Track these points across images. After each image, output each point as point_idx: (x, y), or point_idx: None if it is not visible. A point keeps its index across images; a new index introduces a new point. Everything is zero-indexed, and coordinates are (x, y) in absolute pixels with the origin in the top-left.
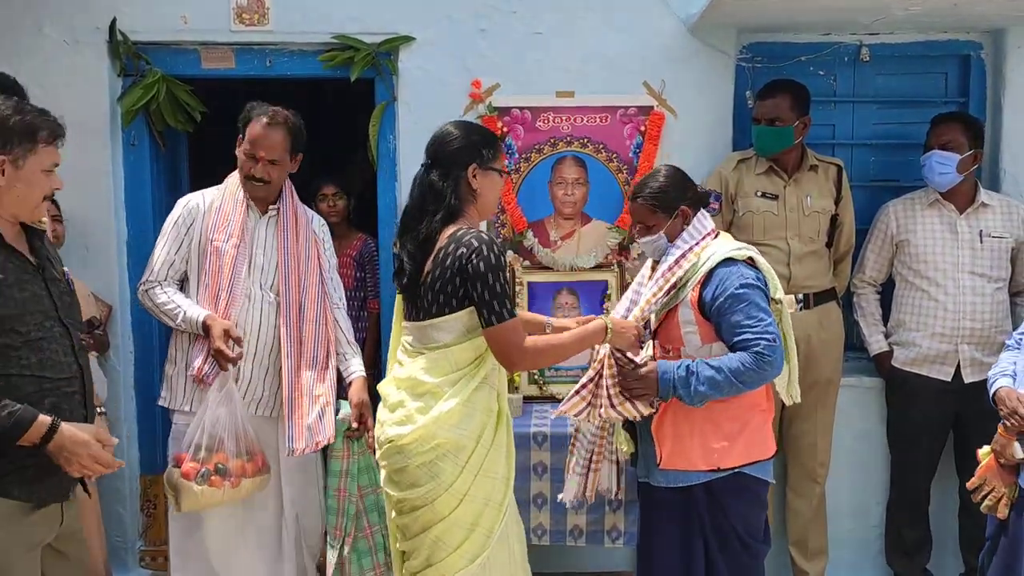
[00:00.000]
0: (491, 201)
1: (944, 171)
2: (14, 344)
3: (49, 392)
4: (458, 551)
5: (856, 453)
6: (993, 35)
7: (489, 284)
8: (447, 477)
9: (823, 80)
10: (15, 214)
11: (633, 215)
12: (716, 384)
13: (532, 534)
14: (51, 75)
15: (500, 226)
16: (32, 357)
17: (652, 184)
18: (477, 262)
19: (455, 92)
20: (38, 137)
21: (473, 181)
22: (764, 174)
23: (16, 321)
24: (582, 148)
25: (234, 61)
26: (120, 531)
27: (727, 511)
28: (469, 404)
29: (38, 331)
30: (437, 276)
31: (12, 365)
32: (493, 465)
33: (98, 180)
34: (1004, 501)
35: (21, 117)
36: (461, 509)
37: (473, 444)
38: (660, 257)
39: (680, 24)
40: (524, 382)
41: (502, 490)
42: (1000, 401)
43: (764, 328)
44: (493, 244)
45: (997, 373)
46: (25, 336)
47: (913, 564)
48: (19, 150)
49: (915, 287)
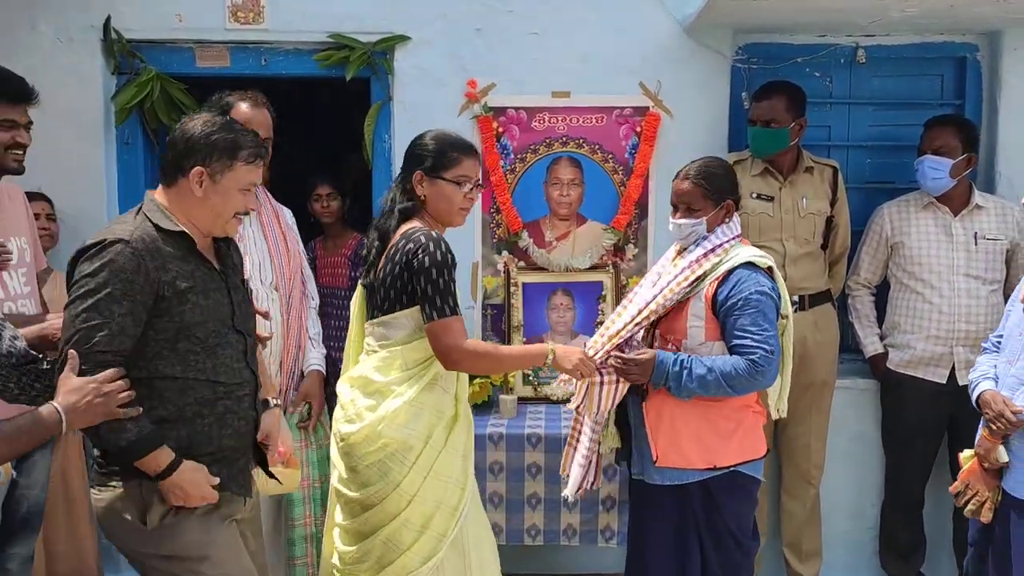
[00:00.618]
0: (443, 210)
1: (936, 176)
2: (194, 349)
3: (223, 396)
4: (409, 552)
5: (850, 455)
6: (989, 37)
7: (432, 279)
8: (395, 476)
9: (819, 81)
10: (206, 227)
11: (679, 195)
12: (706, 384)
13: (526, 534)
14: (45, 73)
15: (495, 226)
16: (208, 362)
17: (705, 166)
18: (423, 257)
19: (451, 92)
20: (238, 155)
21: (418, 187)
22: (760, 176)
23: (198, 328)
24: (578, 149)
25: (229, 60)
26: None
27: (722, 509)
28: (416, 404)
29: (215, 337)
30: (388, 272)
31: (190, 369)
32: (445, 468)
33: (92, 178)
34: (988, 505)
35: (225, 134)
36: (411, 510)
37: (421, 445)
38: (689, 245)
39: (676, 25)
40: (519, 383)
41: (457, 494)
42: (985, 404)
43: (765, 338)
44: (441, 242)
45: (979, 377)
46: (204, 342)
47: (907, 566)
48: (218, 165)
49: (910, 289)
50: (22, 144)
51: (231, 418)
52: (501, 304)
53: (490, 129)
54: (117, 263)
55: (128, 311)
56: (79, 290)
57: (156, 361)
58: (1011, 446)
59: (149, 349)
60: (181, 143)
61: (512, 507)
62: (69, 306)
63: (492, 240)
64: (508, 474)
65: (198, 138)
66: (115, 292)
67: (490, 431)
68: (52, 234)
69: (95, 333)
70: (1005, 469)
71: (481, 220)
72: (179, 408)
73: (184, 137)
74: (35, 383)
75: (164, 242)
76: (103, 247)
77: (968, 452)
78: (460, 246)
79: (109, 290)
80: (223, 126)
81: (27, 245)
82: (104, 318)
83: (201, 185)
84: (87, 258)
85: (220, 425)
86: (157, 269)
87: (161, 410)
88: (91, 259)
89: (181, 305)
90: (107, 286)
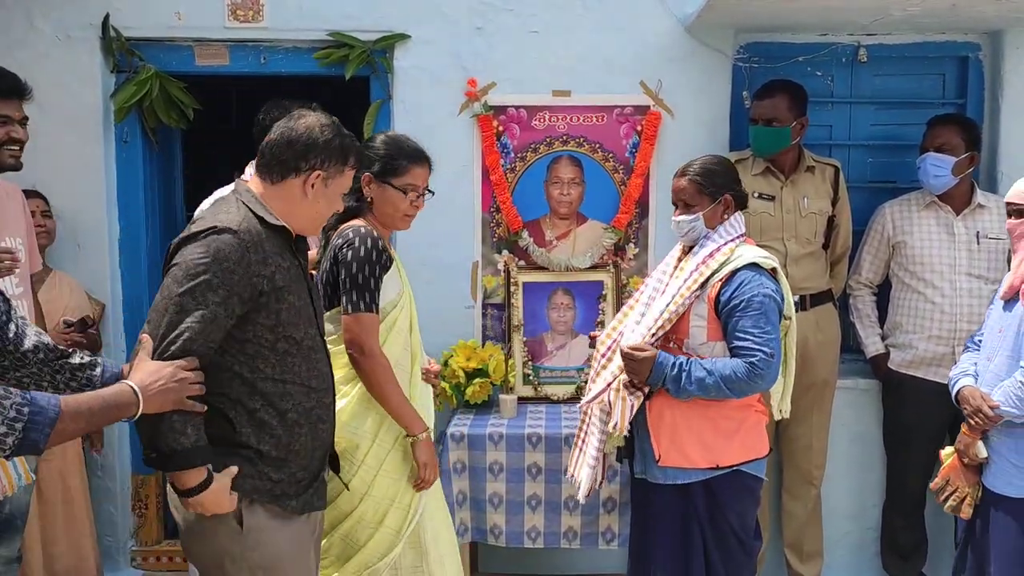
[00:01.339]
0: (387, 214)
1: (939, 174)
2: (291, 351)
3: (316, 405)
4: (365, 548)
5: (852, 455)
6: (991, 36)
7: (352, 273)
8: (344, 475)
9: (820, 81)
10: (301, 226)
11: (677, 192)
12: (704, 386)
13: (526, 537)
14: (44, 71)
15: (496, 225)
16: (303, 365)
17: (703, 163)
18: (347, 251)
19: (451, 90)
20: (349, 161)
21: (366, 188)
22: (761, 175)
23: (293, 328)
24: (578, 147)
25: (228, 58)
26: (111, 531)
27: (724, 508)
28: (362, 404)
29: (308, 339)
30: (324, 269)
31: (288, 371)
32: (395, 467)
33: (90, 176)
34: (968, 501)
35: (340, 140)
36: (363, 507)
37: (368, 443)
38: (691, 242)
39: (677, 24)
40: (519, 383)
41: (410, 492)
42: (964, 400)
43: (766, 341)
44: (368, 238)
45: (959, 374)
46: (299, 343)
47: (909, 567)
48: (333, 170)
49: (912, 289)
50: (17, 140)
51: (322, 428)
52: (501, 303)
53: (490, 128)
54: (223, 252)
55: (223, 301)
56: (178, 272)
57: (257, 361)
58: (991, 442)
59: (250, 347)
60: (300, 143)
61: (512, 508)
62: (163, 288)
63: (492, 239)
64: (508, 474)
65: (319, 140)
66: (213, 281)
67: (490, 431)
68: (48, 231)
69: (184, 319)
70: (985, 465)
71: (481, 219)
72: (280, 414)
73: (305, 137)
74: (71, 382)
75: (267, 236)
76: (210, 233)
77: (949, 449)
78: (460, 245)
79: (208, 277)
80: (338, 130)
81: (22, 246)
82: (198, 305)
83: (313, 187)
84: (194, 243)
85: (313, 436)
86: (259, 263)
87: (263, 413)
88: (197, 244)
89: (279, 303)
90: (207, 273)
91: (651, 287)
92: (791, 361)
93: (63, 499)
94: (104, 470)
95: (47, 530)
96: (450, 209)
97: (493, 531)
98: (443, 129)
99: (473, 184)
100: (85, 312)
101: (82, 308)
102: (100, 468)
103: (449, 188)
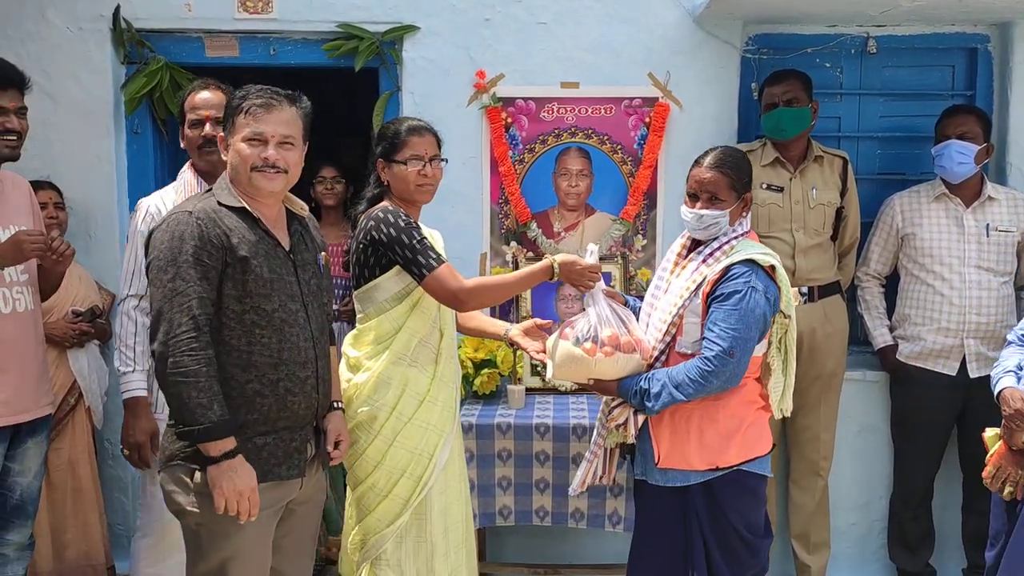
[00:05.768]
0: (403, 190)
1: (963, 160)
2: (259, 323)
3: (284, 377)
4: (373, 513)
5: (859, 447)
6: (1000, 27)
7: (404, 243)
8: (361, 445)
9: (829, 72)
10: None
11: (704, 184)
12: (663, 401)
13: (535, 515)
14: (55, 62)
15: (504, 217)
16: (273, 337)
17: (732, 157)
18: (386, 230)
19: (459, 82)
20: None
21: (382, 174)
22: (769, 166)
23: (262, 299)
24: (586, 139)
25: (238, 50)
26: (122, 519)
27: (726, 509)
28: (383, 377)
29: (282, 312)
30: (354, 250)
31: (255, 342)
32: (411, 440)
33: (101, 168)
34: (1021, 484)
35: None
36: (376, 475)
37: (385, 416)
38: (707, 237)
39: (686, 15)
40: (527, 374)
41: (423, 464)
42: (1004, 401)
43: (728, 336)
44: (390, 213)
45: (1000, 371)
46: (269, 316)
47: (916, 558)
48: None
49: (920, 281)
50: (12, 130)
51: (291, 400)
52: None
53: (499, 119)
54: (181, 230)
55: (202, 276)
56: (154, 263)
57: (223, 332)
58: None
59: (217, 318)
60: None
61: (520, 491)
62: (152, 280)
63: (500, 230)
64: (516, 460)
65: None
66: (187, 258)
67: (498, 421)
68: (60, 222)
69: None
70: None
71: (490, 210)
72: (240, 386)
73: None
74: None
75: (225, 215)
76: (166, 219)
77: (991, 432)
78: (468, 236)
79: (183, 256)
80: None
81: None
82: (185, 282)
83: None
84: (157, 230)
85: (280, 407)
86: (220, 236)
87: (224, 386)
88: (158, 232)
89: (244, 274)
90: (181, 253)
91: (653, 285)
92: (791, 361)
93: (72, 487)
94: (115, 459)
95: (56, 518)
96: (458, 200)
97: (502, 512)
98: (452, 120)
99: (481, 175)
100: (95, 302)
101: (92, 298)
102: (111, 457)
103: (457, 179)
